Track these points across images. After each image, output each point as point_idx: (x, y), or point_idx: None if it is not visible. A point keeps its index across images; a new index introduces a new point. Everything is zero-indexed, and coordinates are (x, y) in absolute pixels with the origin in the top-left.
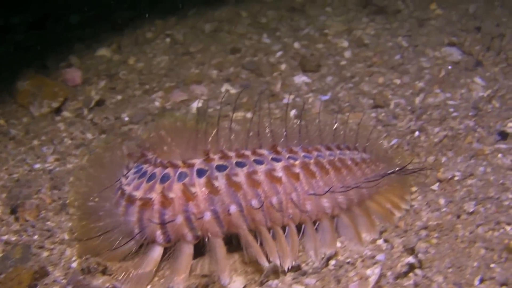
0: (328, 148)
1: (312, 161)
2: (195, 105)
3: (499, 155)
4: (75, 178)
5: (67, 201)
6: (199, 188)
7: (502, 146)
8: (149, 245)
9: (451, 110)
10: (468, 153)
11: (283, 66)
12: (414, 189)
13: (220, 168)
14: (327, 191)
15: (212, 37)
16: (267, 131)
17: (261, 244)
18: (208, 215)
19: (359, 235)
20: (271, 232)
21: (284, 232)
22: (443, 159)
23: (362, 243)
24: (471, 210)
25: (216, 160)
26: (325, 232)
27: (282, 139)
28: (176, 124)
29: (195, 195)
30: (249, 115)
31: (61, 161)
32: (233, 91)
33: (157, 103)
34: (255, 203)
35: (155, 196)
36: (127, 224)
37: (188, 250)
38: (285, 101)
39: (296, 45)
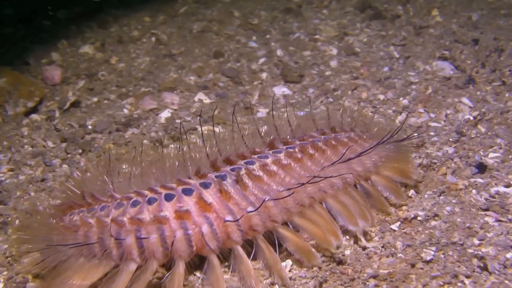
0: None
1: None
2: (164, 114)
3: (473, 192)
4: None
5: (9, 219)
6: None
7: (479, 180)
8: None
9: (432, 133)
10: (439, 187)
11: (264, 75)
12: (374, 228)
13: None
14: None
15: (198, 38)
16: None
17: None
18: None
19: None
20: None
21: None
22: (411, 192)
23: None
24: (429, 258)
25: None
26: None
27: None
28: None
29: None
30: (217, 129)
31: (15, 172)
32: (207, 101)
33: (125, 110)
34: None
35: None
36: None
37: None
38: (259, 115)
39: (280, 52)
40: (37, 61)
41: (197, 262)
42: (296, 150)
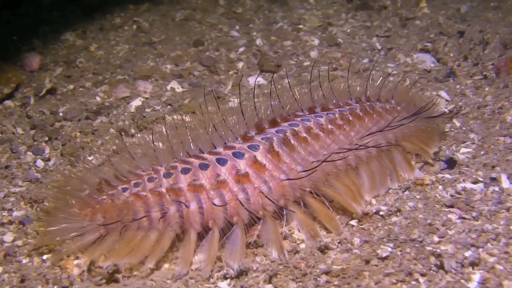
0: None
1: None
2: (135, 103)
3: (439, 187)
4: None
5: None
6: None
7: (446, 176)
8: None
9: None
10: (404, 182)
11: (240, 64)
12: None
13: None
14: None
15: (180, 26)
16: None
17: None
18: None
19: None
20: None
21: None
22: None
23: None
24: (385, 254)
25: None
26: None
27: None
28: None
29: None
30: (187, 118)
31: None
32: (179, 89)
33: (98, 98)
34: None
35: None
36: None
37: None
38: (230, 104)
39: (259, 41)
40: (17, 47)
41: None
42: (337, 116)
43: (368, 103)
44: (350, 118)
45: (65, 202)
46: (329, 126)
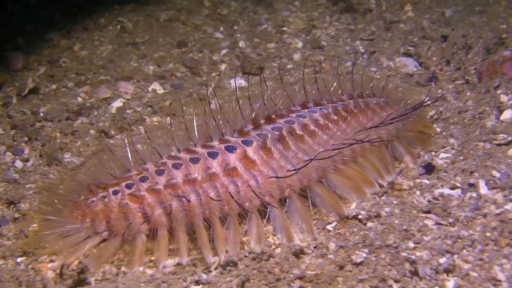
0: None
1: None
2: (116, 104)
3: (417, 193)
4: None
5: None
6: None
7: (424, 181)
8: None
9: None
10: (383, 187)
11: (223, 66)
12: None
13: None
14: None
15: (164, 27)
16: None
17: None
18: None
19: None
20: None
21: None
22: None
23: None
24: (359, 260)
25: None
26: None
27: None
28: None
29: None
30: (167, 120)
31: None
32: (161, 91)
33: (79, 99)
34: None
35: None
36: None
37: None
38: (212, 106)
39: (242, 43)
40: (1, 46)
41: None
42: (330, 111)
43: (361, 99)
44: (344, 114)
45: (53, 205)
46: (324, 121)
